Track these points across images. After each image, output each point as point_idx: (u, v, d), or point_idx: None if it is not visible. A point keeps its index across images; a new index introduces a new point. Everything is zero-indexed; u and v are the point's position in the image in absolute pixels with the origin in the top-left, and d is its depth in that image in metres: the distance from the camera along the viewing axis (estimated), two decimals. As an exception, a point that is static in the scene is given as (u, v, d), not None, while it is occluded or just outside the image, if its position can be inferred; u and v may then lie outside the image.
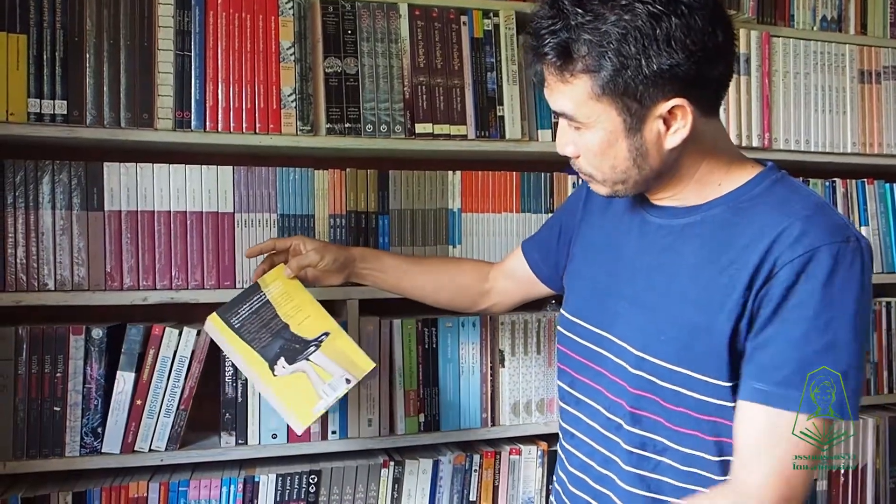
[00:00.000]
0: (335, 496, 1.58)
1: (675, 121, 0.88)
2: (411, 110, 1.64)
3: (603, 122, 0.89)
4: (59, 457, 1.43)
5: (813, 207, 0.90)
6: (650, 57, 0.83)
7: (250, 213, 1.56)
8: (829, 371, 0.84)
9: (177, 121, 1.51)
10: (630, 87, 0.85)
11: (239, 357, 1.30)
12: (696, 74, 0.85)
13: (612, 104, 0.88)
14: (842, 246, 0.85)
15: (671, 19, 0.83)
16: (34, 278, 1.44)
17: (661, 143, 0.90)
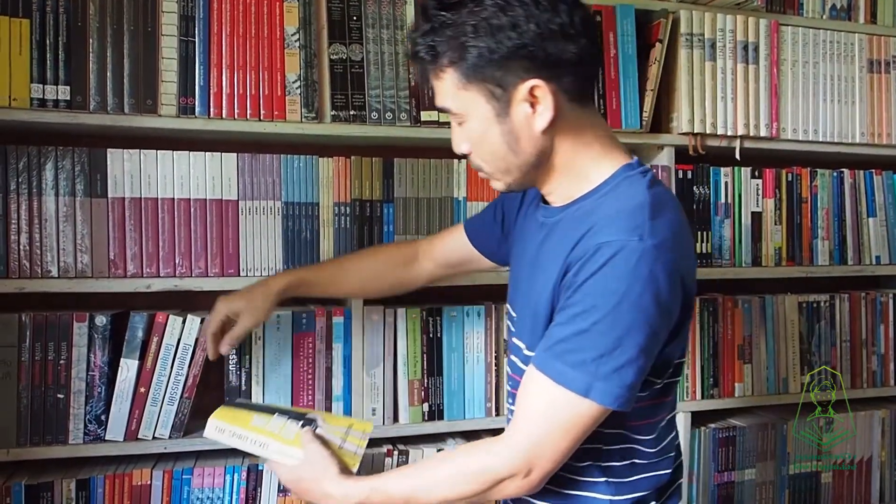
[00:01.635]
0: (339, 485, 1.58)
1: (538, 104, 0.94)
2: (417, 98, 1.62)
3: (474, 110, 0.97)
4: (62, 444, 1.43)
5: (628, 208, 0.94)
6: (500, 42, 0.91)
7: (254, 200, 1.55)
8: (581, 354, 0.90)
9: (181, 107, 1.49)
10: (488, 72, 0.93)
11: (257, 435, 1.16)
12: (545, 55, 0.92)
13: (479, 91, 0.95)
14: (626, 243, 0.89)
15: (515, 7, 0.91)
16: (37, 265, 1.43)
17: (530, 127, 0.96)
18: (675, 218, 0.97)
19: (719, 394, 1.86)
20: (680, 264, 0.93)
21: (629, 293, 0.89)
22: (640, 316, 0.90)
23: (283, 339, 1.55)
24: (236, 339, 1.34)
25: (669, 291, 0.91)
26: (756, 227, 1.89)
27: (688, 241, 1.00)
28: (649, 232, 0.90)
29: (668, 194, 1.01)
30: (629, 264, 0.89)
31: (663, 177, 1.79)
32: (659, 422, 1.06)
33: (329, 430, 1.20)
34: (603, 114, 1.72)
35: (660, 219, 0.93)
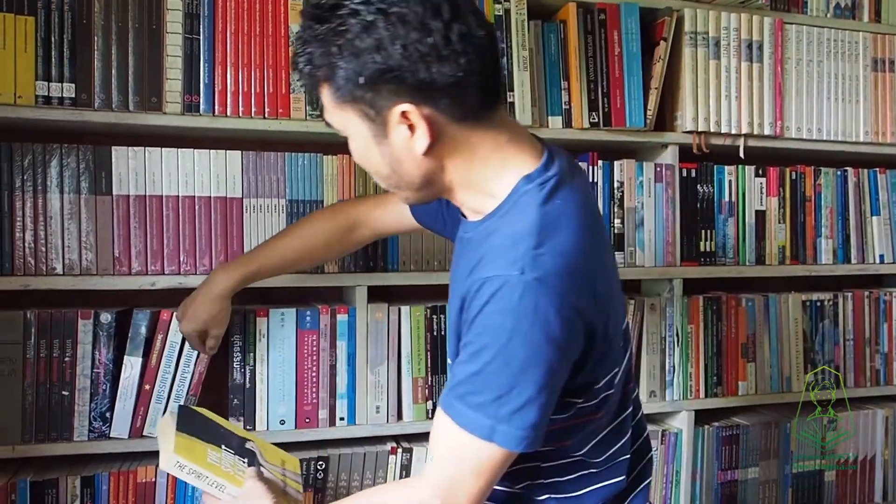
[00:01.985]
0: (343, 482, 1.58)
1: (415, 127, 0.89)
2: (421, 96, 1.62)
3: (353, 129, 0.93)
4: (67, 441, 1.42)
5: (514, 235, 0.89)
6: (365, 64, 0.85)
7: (259, 198, 1.55)
8: (480, 396, 0.87)
9: (185, 105, 1.49)
10: (357, 94, 0.88)
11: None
12: (414, 79, 0.86)
13: (353, 111, 0.91)
14: (507, 279, 0.85)
15: (380, 30, 0.84)
16: (42, 262, 1.43)
17: (411, 149, 0.91)
18: (569, 239, 0.89)
19: (723, 392, 1.86)
20: (571, 295, 0.87)
21: (516, 331, 0.84)
22: (533, 353, 0.85)
23: (287, 337, 1.55)
24: (213, 350, 1.40)
25: (560, 326, 0.85)
26: (760, 226, 1.89)
27: (587, 262, 0.90)
28: (531, 264, 0.85)
29: (567, 208, 0.92)
30: (512, 301, 0.84)
31: (667, 175, 1.79)
32: (597, 433, 1.03)
33: (269, 467, 1.23)
34: (606, 112, 1.72)
35: (548, 244, 0.87)
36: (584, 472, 1.04)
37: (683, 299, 1.81)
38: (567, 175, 0.95)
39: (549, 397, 0.88)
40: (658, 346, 1.80)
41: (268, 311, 1.54)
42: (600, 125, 1.72)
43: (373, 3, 0.85)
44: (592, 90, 1.72)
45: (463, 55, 0.86)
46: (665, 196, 1.80)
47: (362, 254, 1.60)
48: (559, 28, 1.72)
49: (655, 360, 1.79)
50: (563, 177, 0.94)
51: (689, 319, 1.82)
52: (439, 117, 0.89)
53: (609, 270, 1.01)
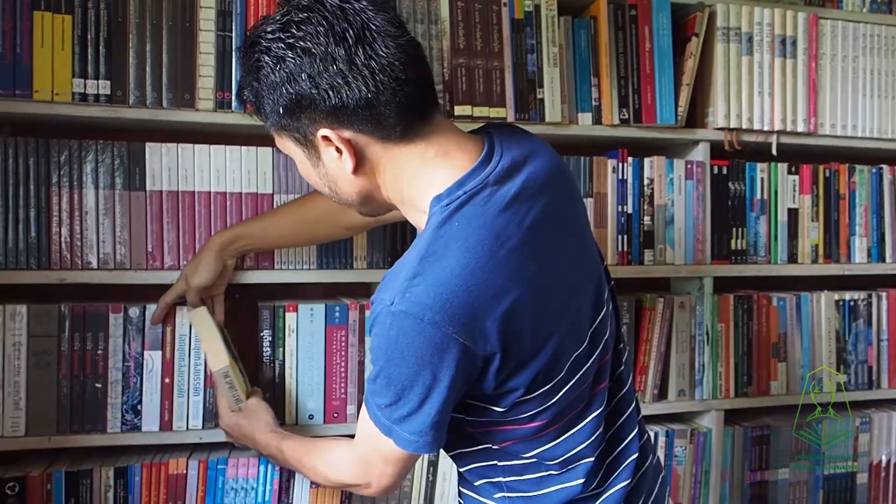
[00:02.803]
0: (371, 477, 1.57)
1: (341, 149, 0.92)
2: (450, 92, 1.61)
3: (293, 153, 1.00)
4: (100, 432, 1.44)
5: (402, 264, 0.92)
6: (281, 95, 0.90)
7: (289, 194, 1.54)
8: (376, 399, 0.96)
9: (218, 101, 1.49)
10: (284, 122, 0.94)
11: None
12: (326, 105, 0.89)
13: (288, 137, 0.97)
14: (381, 308, 0.89)
15: (288, 62, 0.89)
16: (77, 256, 1.44)
17: (343, 170, 0.94)
18: (453, 265, 0.87)
19: (753, 392, 1.82)
20: (445, 324, 0.85)
21: (391, 356, 0.89)
22: (409, 374, 0.89)
23: (315, 332, 1.54)
24: (194, 295, 1.41)
25: (433, 352, 0.87)
26: (792, 224, 1.85)
27: (480, 286, 0.87)
28: (400, 296, 0.86)
29: (462, 230, 0.89)
30: (384, 328, 0.89)
31: (698, 172, 1.76)
32: (546, 436, 1.01)
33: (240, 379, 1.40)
34: (637, 109, 1.69)
35: (425, 274, 0.87)
36: (542, 473, 1.04)
37: (714, 298, 1.78)
38: (491, 184, 0.91)
39: (437, 408, 0.91)
40: (687, 344, 1.77)
41: (297, 306, 1.54)
42: (630, 122, 1.69)
43: (281, 38, 0.89)
44: (623, 86, 1.69)
45: (370, 77, 0.88)
46: (696, 193, 1.77)
47: (391, 250, 1.59)
48: (589, 24, 1.70)
49: (685, 358, 1.76)
50: (478, 191, 0.91)
51: (720, 318, 1.79)
52: (360, 138, 0.92)
53: (551, 283, 0.94)
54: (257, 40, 0.91)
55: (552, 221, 0.95)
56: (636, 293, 1.77)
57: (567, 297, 0.97)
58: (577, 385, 1.00)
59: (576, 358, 0.98)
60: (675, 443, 1.76)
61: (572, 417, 1.02)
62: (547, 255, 0.94)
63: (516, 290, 0.89)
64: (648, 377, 1.74)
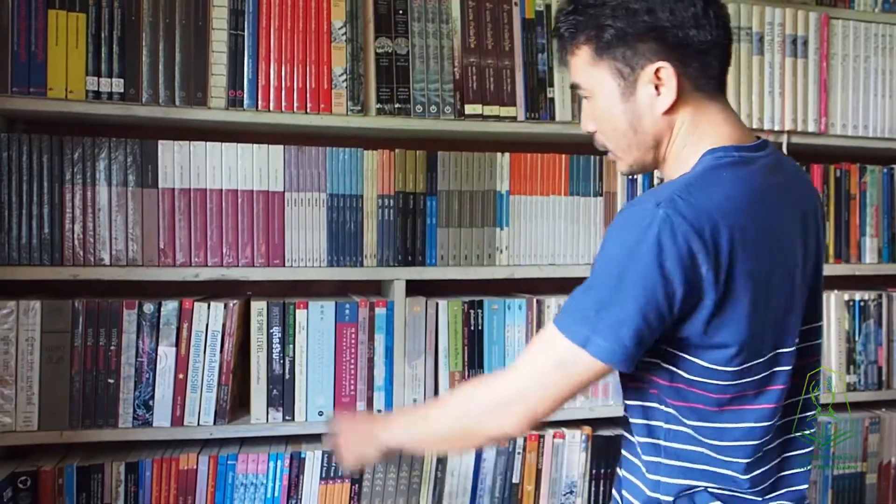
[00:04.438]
0: (379, 474, 1.54)
1: (662, 85, 0.94)
2: (461, 91, 1.57)
3: (602, 86, 0.98)
4: (112, 427, 1.41)
5: (666, 186, 0.92)
6: (634, 24, 0.93)
7: (300, 192, 1.52)
8: (583, 308, 0.89)
9: (229, 100, 1.47)
10: (619, 51, 0.94)
11: None
12: (675, 40, 0.92)
13: (608, 69, 0.96)
14: (641, 209, 0.87)
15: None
16: (90, 253, 1.42)
17: (653, 107, 0.95)
18: (721, 192, 0.89)
19: (762, 391, 1.77)
20: (695, 239, 0.84)
21: (631, 253, 0.85)
22: (641, 274, 0.85)
23: (326, 330, 1.52)
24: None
25: (677, 261, 0.84)
26: (819, 223, 1.80)
27: (705, 230, 0.86)
28: (667, 202, 0.85)
29: (729, 179, 0.91)
30: (636, 226, 0.86)
31: (708, 172, 1.72)
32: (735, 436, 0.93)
33: None
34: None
35: (694, 194, 0.87)
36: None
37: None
38: (757, 161, 0.95)
39: (645, 326, 0.86)
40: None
41: (307, 303, 1.51)
42: (641, 121, 1.65)
43: None
44: (633, 86, 1.65)
45: (714, 28, 0.93)
46: (706, 193, 1.72)
47: (401, 248, 1.56)
48: (600, 24, 1.66)
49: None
50: (748, 161, 0.94)
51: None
52: (684, 80, 0.94)
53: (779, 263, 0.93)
54: None
55: (797, 219, 0.97)
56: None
57: (788, 288, 0.95)
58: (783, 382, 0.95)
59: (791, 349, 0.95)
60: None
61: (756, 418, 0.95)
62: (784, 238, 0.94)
63: (760, 250, 0.90)
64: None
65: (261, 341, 1.49)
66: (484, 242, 1.61)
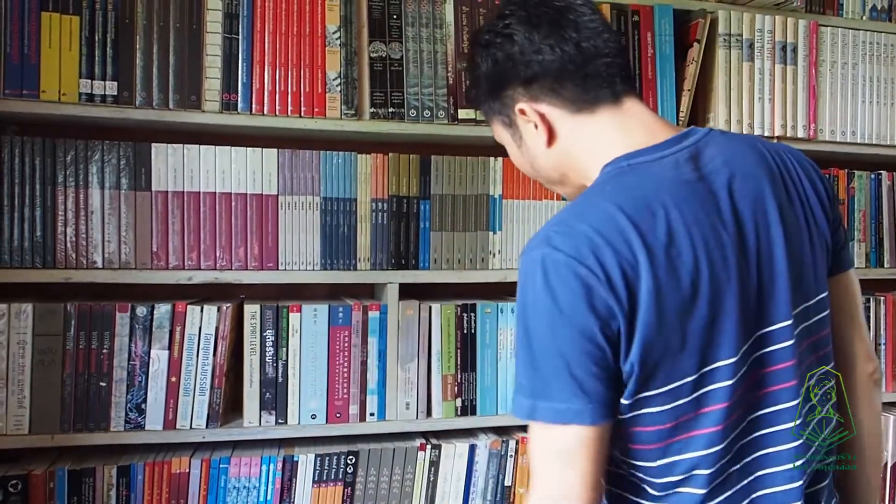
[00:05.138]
0: (372, 477, 1.52)
1: (534, 123, 0.93)
2: (455, 96, 1.56)
3: (500, 135, 1.02)
4: (104, 431, 1.39)
5: (560, 213, 0.85)
6: (489, 79, 0.96)
7: (294, 195, 1.50)
8: (519, 378, 0.83)
9: (224, 103, 1.45)
10: (490, 106, 0.98)
11: None
12: (521, 77, 0.92)
13: (497, 123, 1.00)
14: (526, 258, 0.82)
15: (494, 48, 0.94)
16: (83, 256, 1.40)
17: (539, 145, 0.94)
18: (600, 212, 0.80)
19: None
20: (580, 268, 0.77)
21: (530, 306, 0.79)
22: (546, 325, 0.78)
23: (319, 333, 1.50)
24: None
25: (573, 296, 0.77)
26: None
27: (615, 235, 0.79)
28: (543, 242, 0.80)
29: (613, 187, 0.84)
30: (525, 278, 0.80)
31: (699, 177, 1.71)
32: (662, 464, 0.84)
33: None
34: (640, 113, 1.65)
35: (569, 222, 0.81)
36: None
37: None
38: (662, 159, 0.85)
39: (584, 368, 0.78)
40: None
41: (301, 307, 1.49)
42: (632, 126, 1.65)
43: (490, 31, 0.96)
44: (625, 91, 1.65)
45: (556, 46, 0.90)
46: (696, 198, 1.72)
47: (394, 251, 1.55)
48: (592, 29, 1.66)
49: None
50: (640, 165, 0.85)
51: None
52: (552, 111, 0.92)
53: (698, 266, 0.80)
54: (473, 39, 1.04)
55: (737, 204, 0.85)
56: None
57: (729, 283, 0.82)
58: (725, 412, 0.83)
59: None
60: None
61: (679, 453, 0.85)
62: (709, 233, 0.82)
63: (654, 247, 0.80)
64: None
65: (254, 344, 1.48)
66: (477, 246, 1.60)
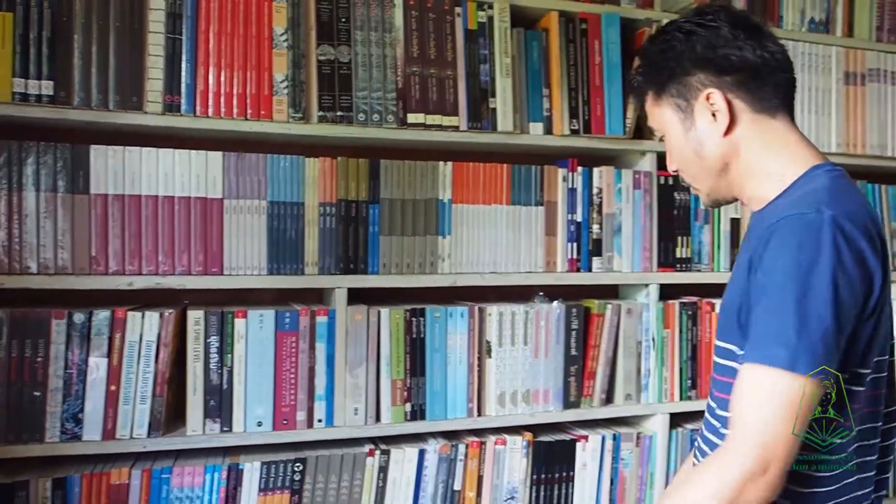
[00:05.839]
0: (320, 484, 1.49)
1: (717, 111, 0.98)
2: (404, 100, 1.54)
3: (668, 123, 1.04)
4: (38, 442, 1.33)
5: (805, 193, 0.93)
6: (681, 61, 1.00)
7: (239, 199, 1.46)
8: (780, 330, 0.85)
9: (166, 104, 1.41)
10: (673, 87, 1.01)
11: None
12: (719, 66, 0.97)
13: (668, 106, 1.03)
14: (803, 216, 0.87)
15: (699, 35, 0.99)
16: (16, 261, 1.33)
17: (712, 132, 0.99)
18: (857, 204, 0.92)
19: (697, 395, 1.79)
20: (860, 241, 0.87)
21: (813, 263, 0.85)
22: (825, 283, 0.84)
23: (265, 339, 1.46)
24: None
25: (853, 262, 0.86)
26: (735, 233, 1.82)
27: (869, 229, 0.90)
28: (827, 204, 0.87)
29: (852, 188, 0.97)
30: (809, 234, 0.86)
31: (645, 182, 1.72)
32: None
33: None
34: (586, 120, 1.65)
35: (840, 199, 0.90)
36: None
37: (659, 304, 1.74)
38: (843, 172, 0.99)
39: (839, 333, 0.86)
40: (634, 349, 1.73)
41: (247, 312, 1.45)
42: (580, 132, 1.65)
43: (691, 19, 1.01)
44: (573, 98, 1.65)
45: (758, 49, 0.97)
46: (643, 203, 1.73)
47: (343, 256, 1.52)
48: (541, 36, 1.65)
49: (631, 363, 1.72)
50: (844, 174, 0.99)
51: (665, 324, 1.76)
52: (738, 104, 0.98)
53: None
54: (668, 27, 1.03)
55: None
56: (585, 300, 1.73)
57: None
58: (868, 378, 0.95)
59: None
60: (621, 446, 1.71)
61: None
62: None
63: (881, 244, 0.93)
64: (596, 382, 1.70)
65: (198, 351, 1.43)
66: (426, 251, 1.58)
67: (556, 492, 1.67)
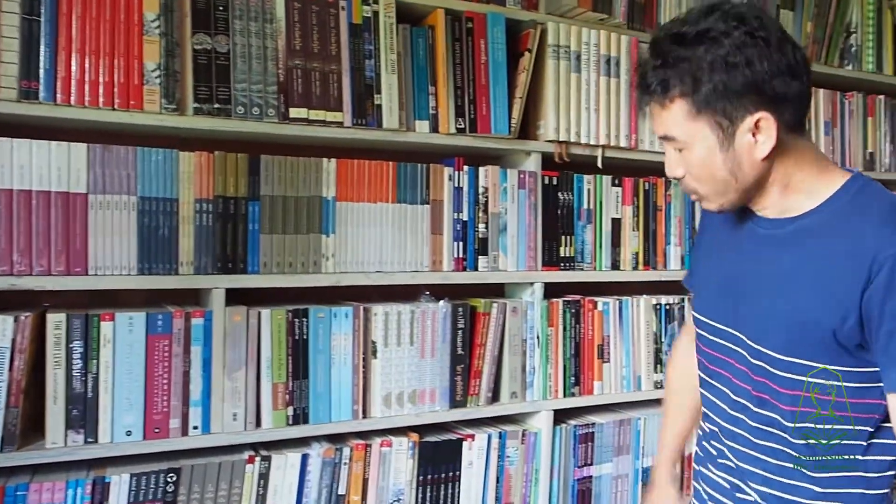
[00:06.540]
0: (196, 495, 1.42)
1: (760, 133, 0.96)
2: (286, 94, 1.49)
3: (700, 139, 0.98)
4: None
5: (889, 210, 0.96)
6: (734, 78, 0.93)
7: (106, 194, 1.37)
8: None
9: (22, 91, 1.30)
10: (718, 105, 0.95)
11: None
12: (773, 92, 0.94)
13: (706, 122, 0.96)
14: None
15: (750, 47, 0.93)
16: None
17: (752, 155, 0.97)
18: None
19: (580, 392, 1.83)
20: None
21: None
22: None
23: (135, 342, 1.38)
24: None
25: None
26: (616, 233, 1.88)
27: None
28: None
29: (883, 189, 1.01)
30: None
31: (530, 181, 1.75)
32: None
33: None
34: (472, 118, 1.66)
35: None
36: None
37: (544, 303, 1.77)
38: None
39: None
40: (519, 348, 1.75)
41: (114, 315, 1.36)
42: (466, 131, 1.65)
43: (740, 27, 0.94)
44: (459, 96, 1.65)
45: (805, 74, 0.97)
46: (528, 202, 1.75)
47: (221, 255, 1.45)
48: (427, 33, 1.64)
49: (517, 361, 1.74)
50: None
51: (550, 322, 1.79)
52: (781, 127, 0.96)
53: None
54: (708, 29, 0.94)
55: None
56: (471, 299, 1.73)
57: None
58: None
59: None
60: (507, 444, 1.73)
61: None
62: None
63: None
64: (483, 381, 1.70)
65: (59, 357, 1.33)
66: (309, 249, 1.53)
67: (443, 492, 1.66)
